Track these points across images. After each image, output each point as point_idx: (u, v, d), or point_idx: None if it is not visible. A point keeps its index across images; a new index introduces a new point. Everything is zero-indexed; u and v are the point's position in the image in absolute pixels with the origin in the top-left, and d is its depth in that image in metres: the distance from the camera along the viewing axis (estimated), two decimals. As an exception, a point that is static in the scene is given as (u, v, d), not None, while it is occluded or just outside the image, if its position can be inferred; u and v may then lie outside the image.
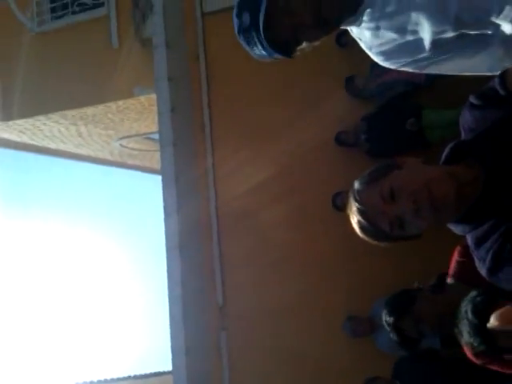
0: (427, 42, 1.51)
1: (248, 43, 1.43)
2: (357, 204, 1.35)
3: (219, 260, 5.13)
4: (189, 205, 5.36)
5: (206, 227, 5.13)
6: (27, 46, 6.38)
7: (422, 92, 4.19)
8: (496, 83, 1.37)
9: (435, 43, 1.53)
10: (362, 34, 1.54)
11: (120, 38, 5.75)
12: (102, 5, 5.88)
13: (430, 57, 1.57)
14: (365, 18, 1.47)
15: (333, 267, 4.58)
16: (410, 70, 1.64)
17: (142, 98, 6.12)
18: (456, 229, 1.42)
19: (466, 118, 1.46)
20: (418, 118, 4.12)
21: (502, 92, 1.36)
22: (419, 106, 4.21)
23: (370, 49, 1.57)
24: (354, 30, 1.56)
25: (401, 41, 1.51)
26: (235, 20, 1.44)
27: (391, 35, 1.50)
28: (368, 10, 1.45)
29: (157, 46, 5.25)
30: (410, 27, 1.48)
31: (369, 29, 1.50)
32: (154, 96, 5.62)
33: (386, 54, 1.57)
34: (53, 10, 6.30)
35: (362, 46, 1.59)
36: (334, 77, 4.54)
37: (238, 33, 1.45)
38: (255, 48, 1.43)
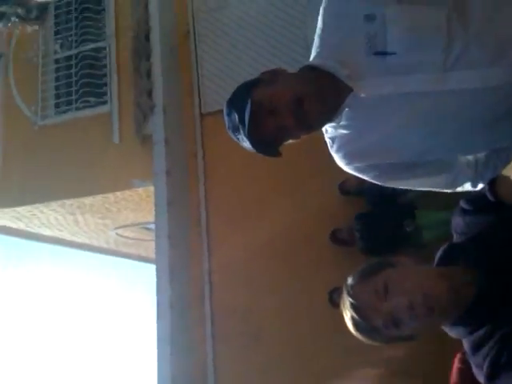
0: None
1: (237, 139, 1.50)
2: (350, 299, 1.35)
3: (212, 356, 5.03)
4: (182, 298, 5.32)
5: (199, 325, 5.06)
6: (30, 137, 6.58)
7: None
8: (485, 189, 1.41)
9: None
10: (337, 133, 1.59)
11: (121, 134, 5.94)
12: (105, 103, 6.12)
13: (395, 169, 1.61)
14: (343, 117, 1.53)
15: (325, 364, 4.48)
16: (367, 179, 1.67)
17: (140, 190, 6.23)
18: (451, 332, 1.41)
19: (458, 223, 1.49)
20: (412, 218, 4.20)
21: (491, 198, 1.39)
22: (413, 205, 4.30)
23: (338, 150, 1.61)
24: (329, 131, 1.62)
25: (368, 143, 1.56)
26: (226, 118, 1.52)
27: (364, 137, 1.55)
28: (346, 110, 1.51)
29: (156, 142, 5.44)
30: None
31: (344, 127, 1.56)
32: (151, 188, 5.73)
33: (351, 156, 1.60)
34: (57, 105, 6.54)
35: (331, 148, 1.64)
36: (326, 176, 4.66)
37: (228, 129, 1.51)
38: (245, 144, 1.49)
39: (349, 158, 1.60)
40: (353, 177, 4.81)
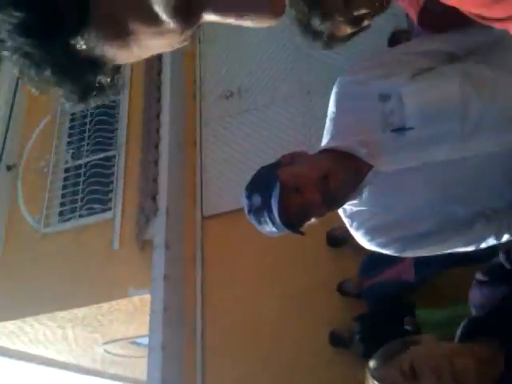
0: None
1: (259, 222, 1.48)
2: (376, 382, 1.31)
3: None
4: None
5: None
6: (29, 246, 6.55)
7: (414, 290, 4.25)
8: (501, 258, 1.42)
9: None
10: (355, 210, 1.58)
11: (121, 240, 5.95)
12: (109, 209, 6.23)
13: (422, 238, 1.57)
14: (363, 193, 1.54)
15: None
16: (388, 252, 1.63)
17: (136, 298, 6.08)
18: None
19: (475, 295, 1.48)
20: (412, 316, 4.08)
21: (508, 266, 1.40)
22: (412, 304, 4.21)
23: (359, 227, 1.60)
24: (346, 210, 1.61)
25: (392, 216, 1.56)
26: (246, 201, 1.50)
27: (388, 211, 1.55)
28: (367, 187, 1.52)
29: (157, 246, 5.46)
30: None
31: (364, 203, 1.56)
32: (147, 296, 5.61)
33: (374, 231, 1.59)
34: (61, 213, 6.63)
35: (351, 227, 1.62)
36: (325, 277, 4.66)
37: (249, 213, 1.50)
38: (266, 226, 1.47)
39: (371, 233, 1.59)
40: (353, 277, 4.84)
